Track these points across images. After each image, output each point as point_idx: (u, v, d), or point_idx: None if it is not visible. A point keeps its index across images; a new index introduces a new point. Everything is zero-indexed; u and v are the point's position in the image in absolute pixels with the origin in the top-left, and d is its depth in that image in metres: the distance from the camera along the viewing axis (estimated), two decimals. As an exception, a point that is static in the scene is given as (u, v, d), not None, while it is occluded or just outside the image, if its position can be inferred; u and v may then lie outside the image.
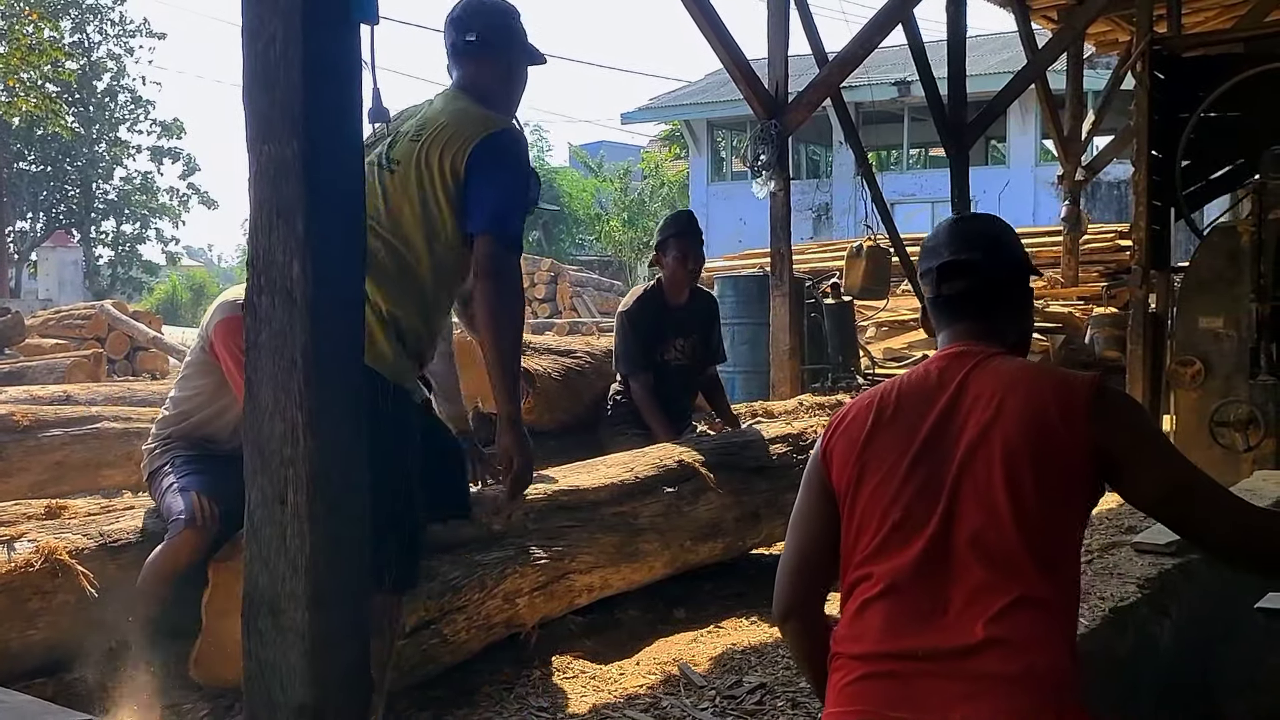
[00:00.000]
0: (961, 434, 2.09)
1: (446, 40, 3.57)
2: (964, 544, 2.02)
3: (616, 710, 3.53)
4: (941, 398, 2.15)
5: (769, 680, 3.77)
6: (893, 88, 23.88)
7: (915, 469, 2.10)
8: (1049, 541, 2.02)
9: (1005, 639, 1.94)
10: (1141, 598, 3.67)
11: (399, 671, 3.44)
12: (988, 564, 2.00)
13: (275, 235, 2.11)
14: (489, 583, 3.90)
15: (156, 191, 41.11)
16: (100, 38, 39.35)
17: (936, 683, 1.95)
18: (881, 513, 2.10)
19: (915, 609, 2.01)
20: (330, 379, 2.12)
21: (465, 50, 3.51)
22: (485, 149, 3.30)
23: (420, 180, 3.28)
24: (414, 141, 3.31)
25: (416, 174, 3.28)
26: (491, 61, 3.52)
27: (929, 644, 1.98)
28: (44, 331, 15.18)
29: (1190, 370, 6.89)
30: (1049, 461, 2.02)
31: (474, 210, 3.29)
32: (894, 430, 2.16)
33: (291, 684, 2.10)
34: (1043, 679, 1.92)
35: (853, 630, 2.09)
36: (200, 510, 3.79)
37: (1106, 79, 15.10)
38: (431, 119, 3.36)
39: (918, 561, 2.04)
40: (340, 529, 2.13)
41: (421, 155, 3.28)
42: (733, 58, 8.07)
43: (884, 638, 2.02)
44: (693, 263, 5.78)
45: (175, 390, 4.30)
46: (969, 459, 2.06)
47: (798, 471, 5.31)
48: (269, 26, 2.10)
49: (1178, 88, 7.37)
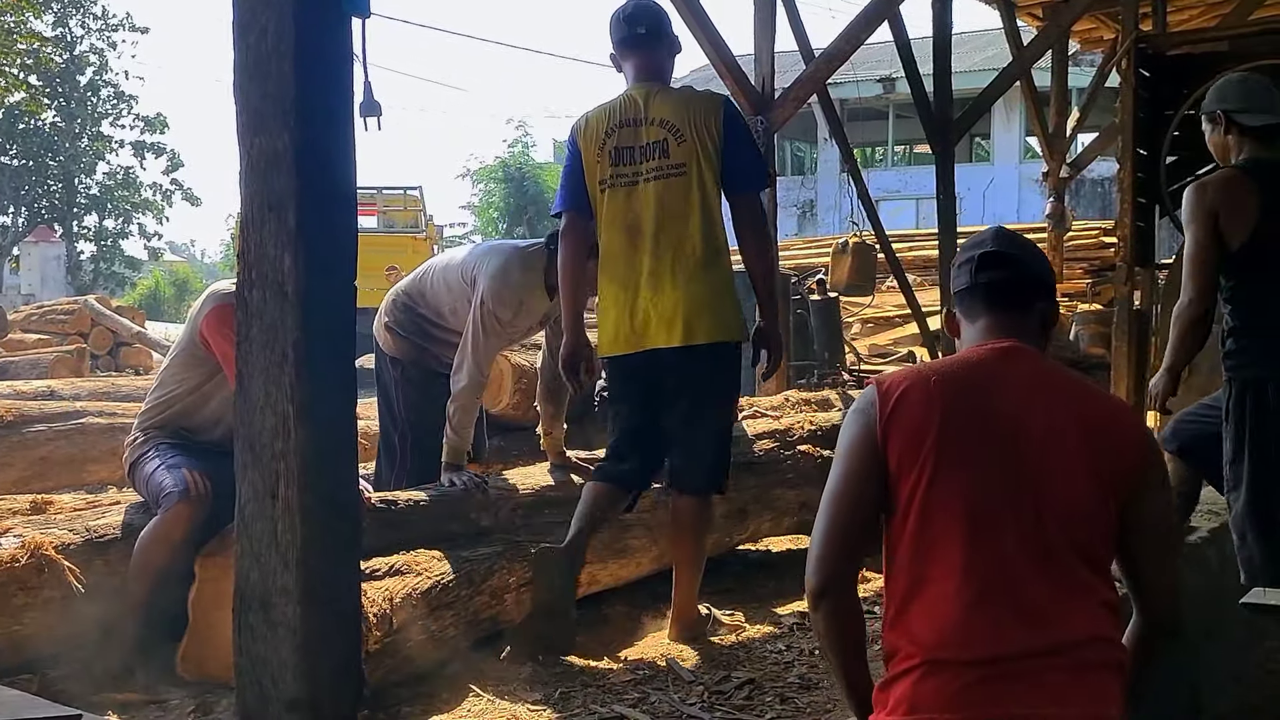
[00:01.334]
0: (1039, 433, 2.08)
1: (616, 35, 4.19)
2: (1060, 542, 2.04)
3: (605, 705, 3.53)
4: (1009, 393, 2.13)
5: (757, 675, 3.77)
6: (878, 84, 23.93)
7: (995, 465, 2.07)
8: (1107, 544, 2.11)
9: (1103, 635, 2.04)
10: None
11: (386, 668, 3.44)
12: (1083, 561, 2.04)
13: (266, 229, 2.11)
14: (477, 579, 3.90)
15: (139, 187, 40.94)
16: (83, 31, 39.17)
17: (1052, 675, 1.98)
18: (964, 509, 2.05)
19: (1017, 607, 2.00)
20: (322, 372, 2.12)
21: (637, 42, 4.17)
22: (730, 118, 4.11)
23: (701, 169, 4.03)
24: (681, 140, 4.02)
25: (697, 166, 4.03)
26: (659, 48, 4.22)
27: (1041, 642, 1.98)
28: (27, 327, 15.09)
29: (1175, 367, 6.90)
30: (1104, 474, 2.08)
31: (737, 174, 4.10)
32: (963, 423, 2.10)
33: (283, 678, 2.10)
34: (1123, 668, 2.07)
35: (943, 630, 2.02)
36: (194, 483, 3.77)
37: (1091, 76, 15.13)
38: (671, 116, 4.05)
39: (1012, 558, 2.02)
40: (332, 522, 2.13)
41: (697, 147, 4.02)
42: (719, 53, 8.06)
43: (991, 640, 1.99)
44: None
45: (158, 381, 4.28)
46: (1047, 458, 2.07)
47: (785, 467, 5.36)
48: (260, 19, 2.10)
49: (1162, 85, 7.38)
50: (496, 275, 4.54)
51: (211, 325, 4.02)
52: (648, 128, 4.06)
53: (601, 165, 4.11)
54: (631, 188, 4.08)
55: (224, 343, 3.97)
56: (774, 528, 5.37)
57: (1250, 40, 7.29)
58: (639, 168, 4.07)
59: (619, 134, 4.09)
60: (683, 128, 4.02)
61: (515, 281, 4.55)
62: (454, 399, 4.53)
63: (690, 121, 4.02)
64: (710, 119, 4.04)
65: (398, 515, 4.02)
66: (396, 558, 3.72)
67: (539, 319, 4.82)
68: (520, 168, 34.54)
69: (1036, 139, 14.51)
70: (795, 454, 5.47)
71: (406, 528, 3.97)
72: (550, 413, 4.83)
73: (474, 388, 4.56)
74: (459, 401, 4.53)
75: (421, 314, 4.87)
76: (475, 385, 4.56)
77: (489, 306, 4.50)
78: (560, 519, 4.36)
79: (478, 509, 4.26)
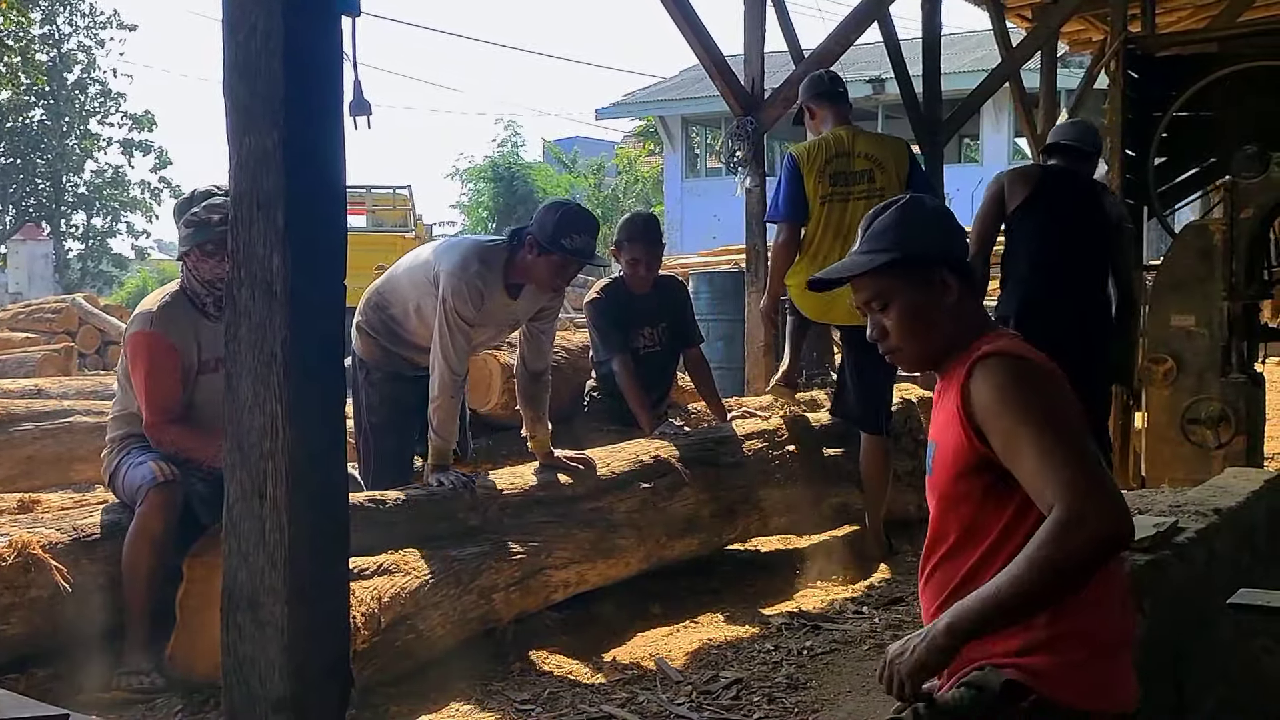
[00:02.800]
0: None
1: (816, 90, 5.63)
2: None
3: (593, 705, 3.53)
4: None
5: (745, 675, 3.78)
6: (868, 85, 23.90)
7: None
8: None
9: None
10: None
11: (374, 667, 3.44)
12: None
13: (255, 228, 2.11)
14: (465, 578, 3.90)
15: (127, 185, 40.82)
16: (70, 29, 39.03)
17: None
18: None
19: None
20: (311, 372, 2.11)
21: (836, 96, 5.64)
22: (913, 159, 5.63)
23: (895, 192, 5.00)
24: (883, 170, 5.37)
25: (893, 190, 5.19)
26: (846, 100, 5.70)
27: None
28: (14, 325, 15.05)
29: (1162, 368, 6.93)
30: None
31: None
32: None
33: (271, 678, 2.10)
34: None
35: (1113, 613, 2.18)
36: (159, 470, 3.78)
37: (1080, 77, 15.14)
38: (874, 151, 5.43)
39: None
40: (320, 522, 2.13)
41: (894, 176, 5.36)
42: (709, 54, 8.07)
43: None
44: (645, 269, 5.75)
45: (118, 390, 4.24)
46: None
47: (774, 467, 5.36)
48: (250, 17, 2.10)
49: (1151, 87, 7.41)
50: (455, 271, 4.51)
51: (128, 350, 4.02)
52: (855, 159, 5.39)
53: (822, 185, 5.35)
54: (844, 202, 5.34)
55: (136, 372, 3.97)
56: (762, 527, 5.37)
57: (1238, 41, 7.32)
58: (850, 188, 5.36)
59: (835, 162, 5.37)
60: (884, 160, 5.39)
61: (474, 274, 4.52)
62: (432, 400, 4.52)
63: (887, 157, 5.42)
64: (901, 157, 5.49)
65: (386, 515, 4.02)
66: (385, 557, 3.72)
67: (507, 322, 4.83)
68: (510, 167, 34.51)
69: (1025, 140, 14.53)
70: (784, 454, 5.47)
71: (394, 527, 3.96)
72: (531, 415, 4.83)
73: (449, 387, 4.51)
74: (436, 403, 4.51)
75: (391, 314, 4.87)
76: (450, 385, 4.52)
77: (450, 304, 4.48)
78: (548, 519, 4.36)
79: (465, 509, 4.26)
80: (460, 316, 4.49)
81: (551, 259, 4.51)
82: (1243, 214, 6.65)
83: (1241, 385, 6.79)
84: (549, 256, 4.51)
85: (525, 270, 4.60)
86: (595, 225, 4.67)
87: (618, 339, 5.69)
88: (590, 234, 4.59)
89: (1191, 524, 4.44)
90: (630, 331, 5.78)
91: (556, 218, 4.49)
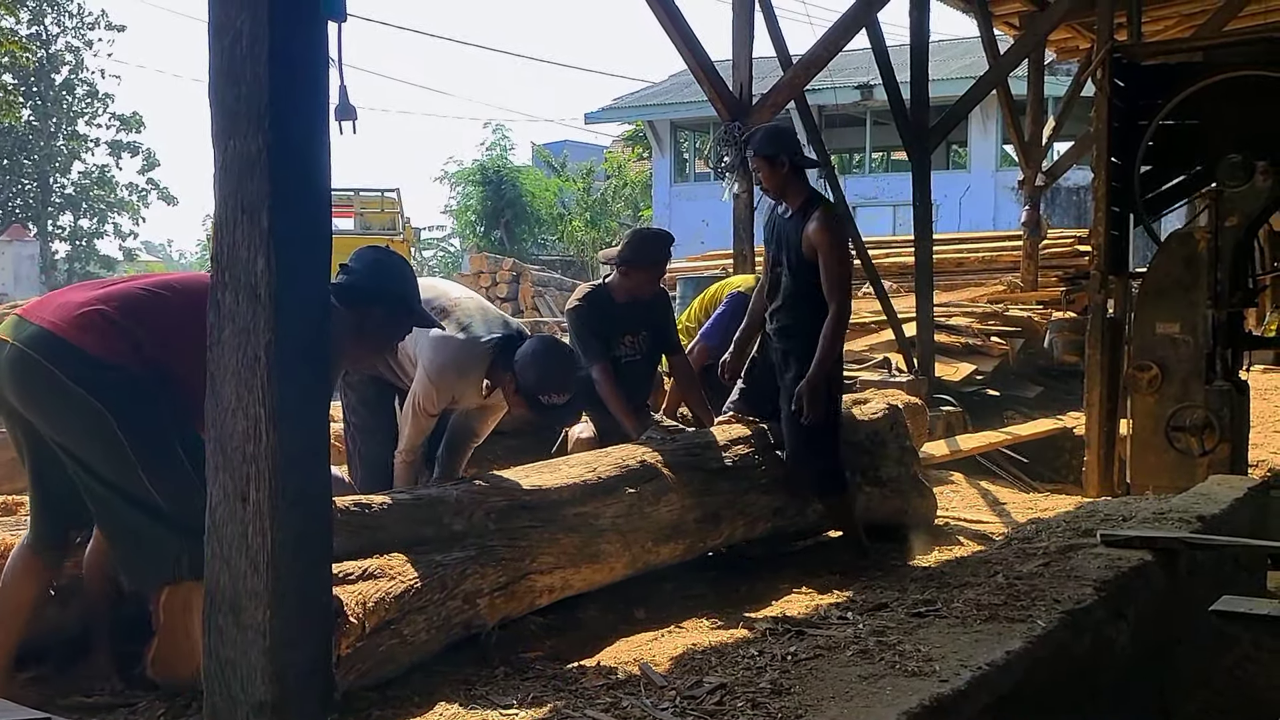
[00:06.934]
0: None
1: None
2: None
3: (577, 710, 3.52)
4: None
5: (729, 680, 3.77)
6: (855, 91, 23.98)
7: None
8: None
9: None
10: (1098, 600, 3.70)
11: (357, 672, 3.44)
12: None
13: (240, 231, 2.10)
14: (449, 583, 3.89)
15: (115, 186, 40.75)
16: (58, 30, 38.96)
17: None
18: None
19: None
20: (294, 375, 2.11)
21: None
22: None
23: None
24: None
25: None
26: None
27: None
28: (-1, 326, 15.00)
29: (1147, 375, 6.96)
30: None
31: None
32: None
33: (252, 681, 2.10)
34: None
35: None
36: None
37: (1067, 85, 15.22)
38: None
39: None
40: (303, 526, 2.13)
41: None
42: (697, 59, 8.09)
43: None
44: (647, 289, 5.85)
45: None
46: None
47: (760, 472, 5.36)
48: (235, 21, 2.10)
49: (1137, 95, 7.44)
50: (433, 372, 4.67)
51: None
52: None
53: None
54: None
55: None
56: (747, 532, 5.37)
57: (1224, 50, 7.35)
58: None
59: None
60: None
61: (450, 380, 4.70)
62: (395, 457, 4.89)
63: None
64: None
65: (370, 519, 4.01)
66: (369, 561, 3.71)
67: (476, 405, 4.95)
68: (498, 170, 34.50)
69: (1012, 147, 14.58)
70: (769, 459, 5.48)
71: (379, 531, 3.96)
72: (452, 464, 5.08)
73: (405, 463, 4.87)
74: (395, 466, 4.89)
75: None
76: (408, 452, 4.87)
77: (420, 403, 4.72)
78: (533, 523, 4.35)
79: (451, 513, 4.25)
80: (427, 412, 4.75)
81: (527, 402, 4.67)
82: (1228, 222, 6.70)
83: (1226, 392, 6.82)
84: (525, 401, 4.67)
85: (502, 387, 4.73)
86: (575, 383, 4.78)
87: (598, 347, 5.68)
88: (569, 391, 4.69)
89: (1176, 531, 4.46)
90: (611, 340, 5.78)
91: (539, 374, 4.59)
